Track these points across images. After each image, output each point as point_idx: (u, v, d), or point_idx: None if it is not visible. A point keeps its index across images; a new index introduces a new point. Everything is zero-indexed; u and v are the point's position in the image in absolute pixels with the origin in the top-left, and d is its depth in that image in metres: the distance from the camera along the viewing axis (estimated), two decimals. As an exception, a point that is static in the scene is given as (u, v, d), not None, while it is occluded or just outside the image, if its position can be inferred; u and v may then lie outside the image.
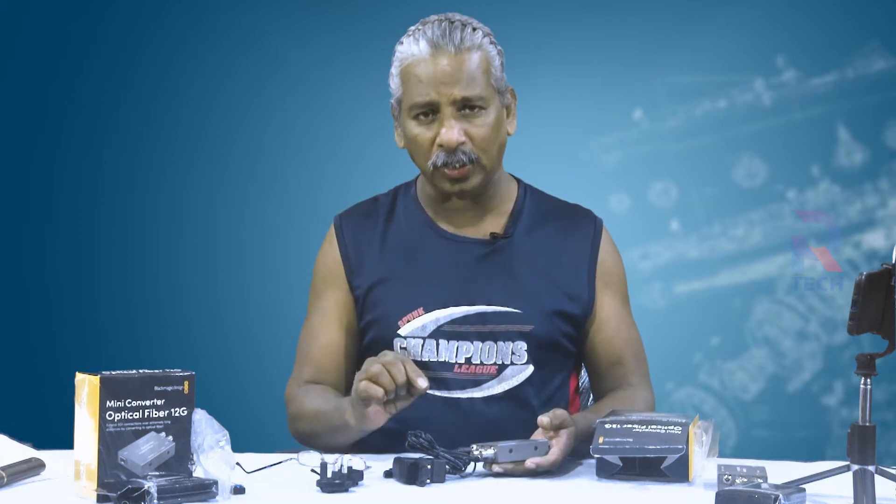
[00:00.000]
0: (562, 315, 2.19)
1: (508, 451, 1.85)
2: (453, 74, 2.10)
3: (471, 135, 2.11)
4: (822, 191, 4.03)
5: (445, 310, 2.16)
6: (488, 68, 2.13)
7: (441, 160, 2.11)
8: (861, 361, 1.66)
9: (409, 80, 2.13)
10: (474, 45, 2.12)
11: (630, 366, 2.23)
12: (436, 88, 2.10)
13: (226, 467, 1.67)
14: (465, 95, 2.10)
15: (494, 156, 2.15)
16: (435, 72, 2.10)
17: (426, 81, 2.10)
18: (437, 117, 2.11)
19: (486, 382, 2.16)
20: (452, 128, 2.10)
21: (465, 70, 2.10)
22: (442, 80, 2.10)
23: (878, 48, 4.02)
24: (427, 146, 2.12)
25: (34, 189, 4.11)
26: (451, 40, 2.11)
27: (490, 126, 2.13)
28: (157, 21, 4.10)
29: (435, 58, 2.11)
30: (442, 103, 2.10)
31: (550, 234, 2.23)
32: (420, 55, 2.12)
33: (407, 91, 2.13)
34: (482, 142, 2.12)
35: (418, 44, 2.12)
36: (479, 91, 2.11)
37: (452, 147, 2.10)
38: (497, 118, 2.14)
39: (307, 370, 2.21)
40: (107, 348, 4.03)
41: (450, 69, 2.10)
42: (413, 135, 2.14)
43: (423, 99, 2.11)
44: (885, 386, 3.97)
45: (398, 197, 2.27)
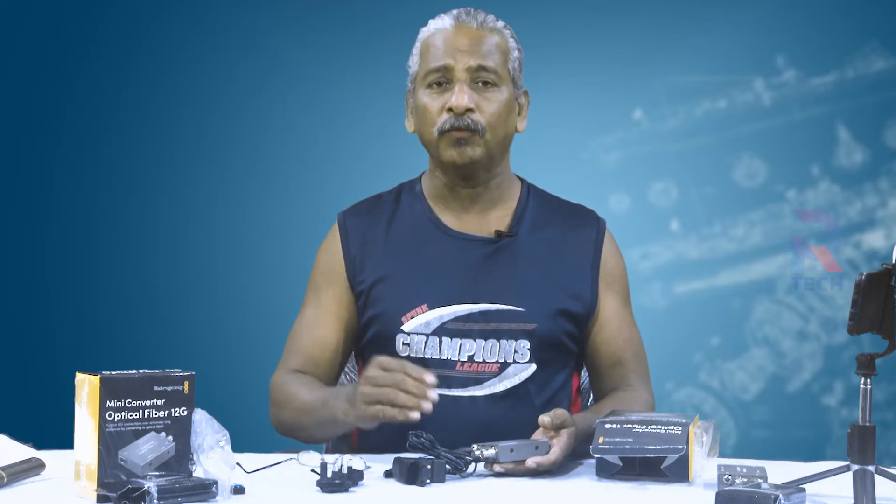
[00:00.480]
0: (565, 314, 2.19)
1: (509, 450, 1.85)
2: (471, 44, 2.15)
3: (481, 106, 2.14)
4: (822, 191, 4.03)
5: (449, 307, 2.16)
6: (507, 52, 2.19)
7: (448, 124, 2.13)
8: (861, 361, 1.66)
9: (427, 50, 2.17)
10: (496, 29, 2.19)
11: (630, 366, 2.23)
12: (452, 55, 2.14)
13: (226, 467, 1.67)
14: (481, 64, 2.14)
15: (500, 135, 2.16)
16: (455, 40, 2.15)
17: (443, 48, 2.15)
18: (449, 87, 2.14)
19: (489, 381, 2.16)
20: (463, 92, 2.13)
21: (484, 43, 2.16)
22: (459, 48, 2.15)
23: (878, 48, 4.02)
24: (436, 113, 2.14)
25: (34, 189, 4.11)
26: (474, 18, 2.18)
27: (501, 103, 2.15)
28: (157, 21, 4.10)
29: (457, 29, 2.17)
30: (457, 69, 2.14)
31: (554, 234, 2.23)
32: (442, 27, 2.18)
33: (424, 59, 2.17)
34: (491, 116, 2.14)
35: (442, 20, 2.19)
36: (494, 65, 2.15)
37: (461, 111, 2.12)
38: (508, 101, 2.17)
39: (296, 360, 2.21)
40: (107, 348, 4.03)
41: (468, 40, 2.16)
42: (423, 103, 2.16)
43: (439, 63, 2.14)
44: (885, 386, 3.97)
45: (402, 194, 2.27)
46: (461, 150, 2.14)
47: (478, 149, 2.14)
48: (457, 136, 2.13)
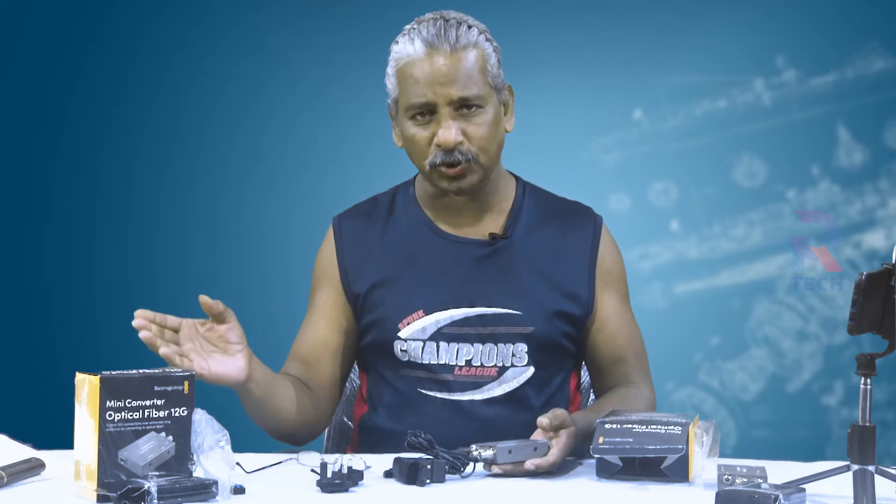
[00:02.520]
0: (562, 315, 2.18)
1: (508, 451, 1.85)
2: (449, 74, 2.09)
3: (468, 134, 2.10)
4: (822, 191, 4.03)
5: (445, 312, 2.15)
6: (484, 66, 2.12)
7: (439, 159, 2.10)
8: (861, 361, 1.66)
9: (405, 81, 2.12)
10: (470, 44, 2.11)
11: (631, 364, 2.22)
12: (432, 89, 2.09)
13: (226, 467, 1.67)
14: (463, 95, 2.09)
15: (493, 154, 2.15)
16: (431, 72, 2.09)
17: (423, 82, 2.09)
18: (434, 117, 2.10)
19: (487, 384, 2.16)
20: (450, 128, 2.09)
21: (462, 69, 2.09)
22: (438, 81, 2.09)
23: (878, 48, 4.02)
24: (424, 146, 2.12)
25: (34, 189, 4.11)
26: (446, 39, 2.10)
27: (488, 125, 2.12)
28: (157, 21, 4.10)
29: (431, 57, 2.09)
30: (439, 104, 2.09)
31: (550, 233, 2.22)
32: (416, 55, 2.10)
33: (403, 92, 2.12)
34: (480, 140, 2.11)
35: (413, 43, 2.11)
36: (476, 90, 2.10)
37: (450, 147, 2.09)
38: (495, 116, 2.14)
39: (291, 366, 2.21)
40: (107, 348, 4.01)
41: (446, 69, 2.09)
42: (410, 135, 2.13)
43: (420, 100, 2.10)
44: (885, 386, 3.97)
45: (397, 196, 2.26)
46: (458, 183, 2.13)
47: (473, 176, 2.13)
48: (450, 173, 2.11)
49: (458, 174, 2.11)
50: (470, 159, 2.11)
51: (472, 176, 2.13)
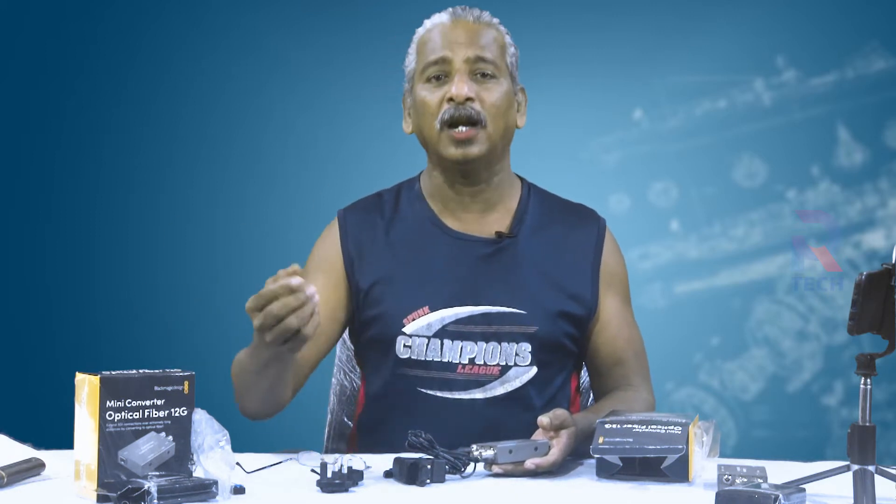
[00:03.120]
0: (565, 316, 2.18)
1: (508, 451, 1.85)
2: (469, 37, 2.15)
3: (481, 96, 2.13)
4: (822, 191, 4.03)
5: (451, 309, 2.15)
6: (504, 46, 2.19)
7: (448, 114, 2.12)
8: (861, 361, 1.66)
9: (424, 45, 2.17)
10: (493, 25, 2.20)
11: (631, 366, 2.23)
12: (450, 47, 2.14)
13: (226, 467, 1.67)
14: (479, 55, 2.14)
15: (501, 127, 2.15)
16: (452, 33, 2.16)
17: (441, 42, 2.15)
18: (448, 80, 2.14)
19: (489, 383, 2.16)
20: (463, 82, 2.12)
21: (482, 36, 2.16)
22: (458, 41, 2.15)
23: (878, 48, 4.02)
24: (436, 105, 2.13)
25: (34, 189, 4.11)
26: (471, 13, 2.19)
27: (501, 94, 2.15)
28: (157, 21, 4.10)
29: (453, 23, 2.17)
30: (455, 60, 2.13)
31: (554, 234, 2.23)
32: (439, 21, 2.18)
33: (421, 55, 2.17)
34: (491, 106, 2.13)
35: (438, 16, 2.20)
36: (493, 56, 2.15)
37: (462, 100, 2.11)
38: (508, 94, 2.17)
39: None
40: (107, 348, 4.03)
41: (465, 32, 2.16)
42: (422, 98, 2.15)
43: (437, 55, 2.14)
44: (885, 386, 3.97)
45: (402, 193, 2.26)
46: (464, 149, 2.13)
47: (480, 145, 2.13)
48: (458, 136, 2.12)
49: (466, 138, 2.12)
50: (479, 121, 2.12)
51: (479, 144, 2.13)
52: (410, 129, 2.20)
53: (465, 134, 2.12)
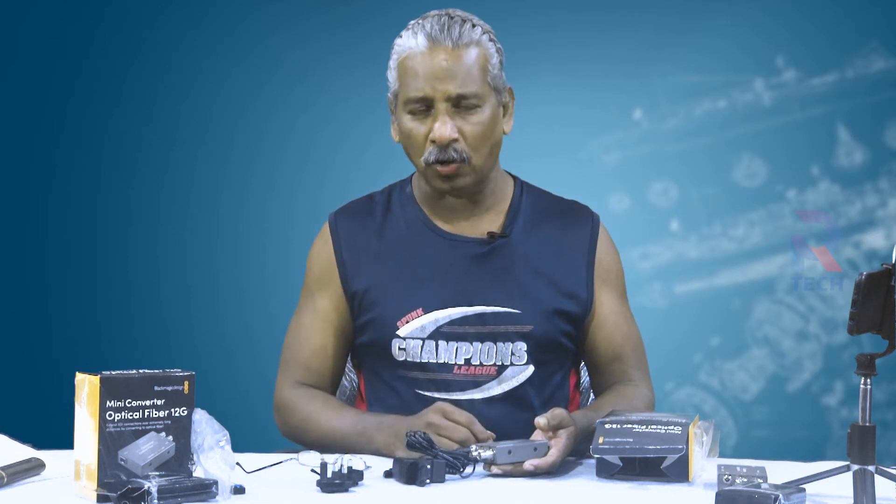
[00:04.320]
0: (561, 314, 2.18)
1: (507, 452, 1.85)
2: (449, 70, 2.09)
3: (464, 132, 2.11)
4: (822, 191, 4.03)
5: (444, 310, 2.15)
6: (485, 65, 2.12)
7: (433, 156, 2.11)
8: (861, 361, 1.66)
9: (405, 74, 2.12)
10: (472, 41, 2.12)
11: (630, 361, 2.23)
12: (430, 84, 2.09)
13: (226, 467, 1.67)
14: (460, 93, 2.09)
15: (486, 155, 2.14)
16: (431, 66, 2.09)
17: (422, 76, 2.10)
18: (431, 112, 2.11)
19: (486, 383, 2.16)
20: (445, 123, 2.09)
21: (462, 66, 2.10)
22: (437, 76, 2.09)
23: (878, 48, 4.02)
24: (421, 142, 2.12)
25: (34, 189, 4.11)
26: (448, 35, 2.10)
27: (484, 125, 2.12)
28: (156, 21, 4.10)
29: (432, 52, 2.10)
30: (436, 98, 2.09)
31: (548, 232, 2.22)
32: (417, 48, 2.11)
33: (403, 85, 2.13)
34: (474, 140, 2.11)
35: (416, 37, 2.12)
36: (475, 88, 2.10)
37: (444, 143, 2.09)
38: (492, 116, 2.14)
39: (298, 372, 2.20)
40: (107, 348, 4.03)
41: (446, 65, 2.09)
42: (407, 129, 2.13)
43: (418, 94, 2.10)
44: (885, 386, 3.97)
45: (393, 195, 2.26)
46: (451, 182, 2.13)
47: (466, 178, 2.13)
48: (443, 171, 2.11)
49: (451, 173, 2.12)
50: (464, 159, 2.11)
51: (465, 178, 2.13)
52: (398, 140, 2.19)
53: (451, 169, 2.11)
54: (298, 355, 2.21)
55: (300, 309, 2.24)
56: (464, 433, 1.94)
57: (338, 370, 2.24)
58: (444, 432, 1.94)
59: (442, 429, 1.94)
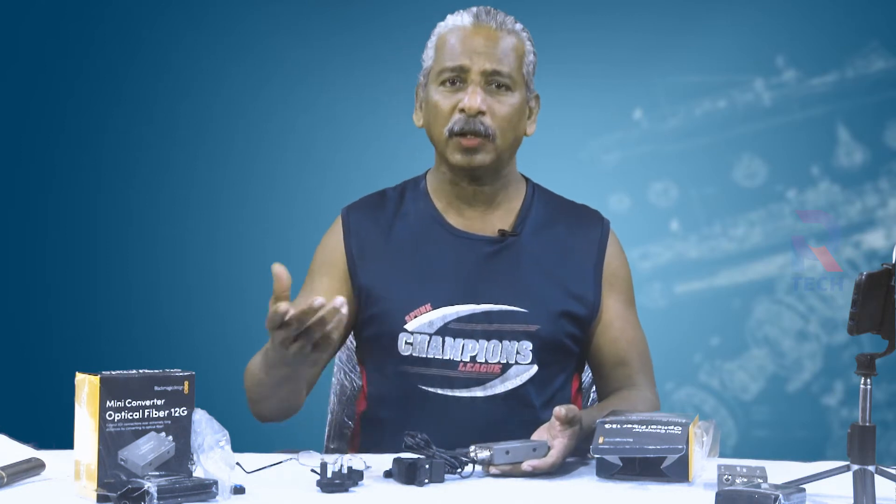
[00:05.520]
0: (567, 316, 2.19)
1: (505, 452, 1.85)
2: (489, 46, 2.14)
3: (493, 109, 2.13)
4: (822, 191, 4.03)
5: (452, 307, 2.15)
6: (522, 56, 2.18)
7: (458, 126, 2.12)
8: (861, 361, 1.66)
9: (444, 46, 2.17)
10: (515, 31, 2.19)
11: (635, 367, 2.23)
12: (469, 55, 2.14)
13: (226, 467, 1.67)
14: (496, 69, 2.14)
15: (509, 140, 2.16)
16: (472, 41, 2.15)
17: (461, 48, 2.14)
18: (462, 87, 2.14)
19: (490, 381, 2.16)
20: (476, 94, 2.12)
21: (501, 46, 2.15)
22: (476, 49, 2.14)
23: (878, 48, 4.02)
24: (447, 111, 2.14)
25: (34, 189, 4.11)
26: (493, 18, 2.18)
27: (513, 107, 2.15)
28: (156, 21, 4.10)
29: (475, 28, 2.16)
30: (472, 70, 2.13)
31: (558, 235, 2.23)
32: (461, 24, 2.17)
33: (439, 56, 2.17)
34: (502, 120, 2.13)
35: (461, 17, 2.18)
36: (509, 69, 2.15)
37: (473, 113, 2.12)
38: (520, 105, 2.17)
39: None
40: (107, 348, 4.03)
41: (486, 41, 2.15)
42: (435, 101, 2.15)
43: (455, 63, 2.14)
44: (885, 386, 3.97)
45: (406, 190, 2.27)
46: (470, 157, 2.14)
47: (487, 155, 2.14)
48: (466, 144, 2.13)
49: (473, 147, 2.12)
50: (489, 134, 2.12)
51: (485, 154, 2.14)
52: (421, 124, 2.21)
53: (473, 142, 2.13)
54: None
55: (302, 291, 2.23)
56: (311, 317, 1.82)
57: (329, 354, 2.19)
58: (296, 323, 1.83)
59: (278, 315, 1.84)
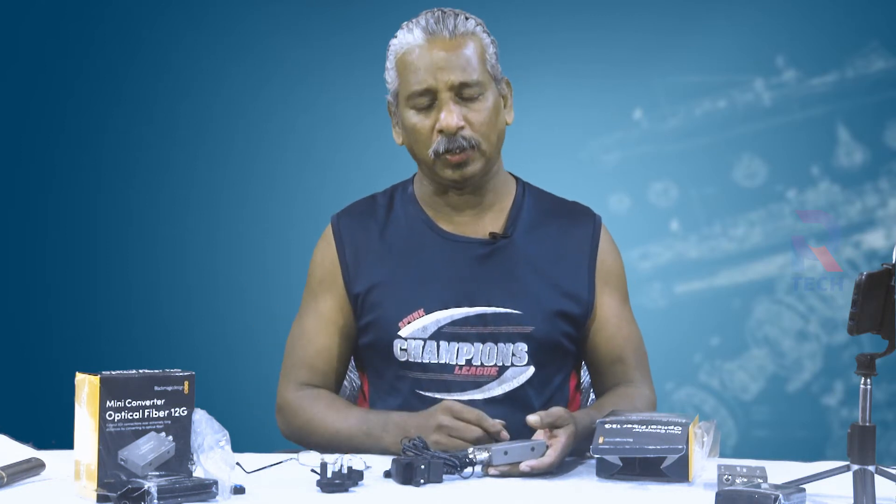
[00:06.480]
0: (562, 315, 2.18)
1: (503, 453, 1.85)
2: (450, 59, 2.11)
3: (470, 120, 2.11)
4: (822, 191, 4.03)
5: (446, 311, 2.15)
6: (483, 55, 2.14)
7: (442, 147, 2.11)
8: (861, 361, 1.66)
9: (405, 70, 2.13)
10: (468, 32, 2.14)
11: (631, 363, 2.23)
12: (433, 74, 2.10)
13: (226, 467, 1.67)
14: (463, 80, 2.10)
15: (494, 142, 2.15)
16: (431, 58, 2.11)
17: (423, 68, 2.11)
18: (435, 104, 2.12)
19: (487, 384, 2.16)
20: (451, 112, 2.10)
21: (461, 55, 2.12)
22: (439, 66, 2.10)
23: (878, 48, 4.02)
24: (427, 134, 2.12)
25: (34, 189, 4.11)
26: (445, 26, 2.12)
27: (488, 111, 2.13)
28: (156, 21, 4.10)
29: (430, 44, 2.12)
30: (440, 89, 2.10)
31: (550, 234, 2.23)
32: (415, 43, 2.13)
33: (404, 80, 2.14)
34: (481, 126, 2.12)
35: (412, 33, 2.14)
36: (476, 76, 2.12)
37: (452, 132, 2.10)
38: (495, 105, 2.15)
39: (302, 373, 2.20)
40: (107, 348, 4.03)
41: (445, 54, 2.11)
42: (412, 124, 2.14)
43: (421, 86, 2.11)
44: (885, 386, 3.97)
45: (395, 196, 2.26)
46: (461, 171, 2.13)
47: (476, 164, 2.14)
48: (453, 160, 2.12)
49: (462, 161, 2.12)
50: (473, 145, 2.12)
51: (475, 164, 2.13)
52: (401, 142, 2.19)
53: (460, 157, 2.12)
54: (302, 357, 2.21)
55: (303, 311, 2.25)
56: (475, 432, 1.94)
57: (341, 371, 2.24)
58: (456, 433, 1.94)
59: (453, 430, 1.94)
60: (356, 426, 2.09)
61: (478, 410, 1.97)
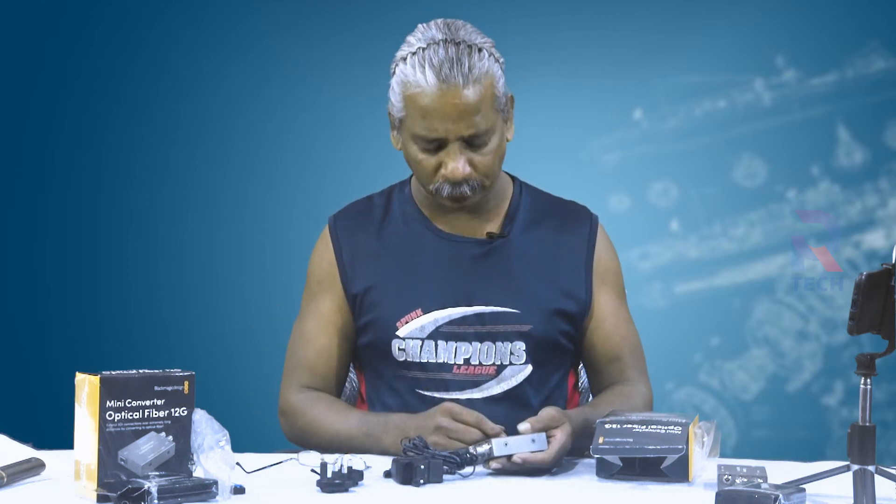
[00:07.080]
0: (560, 314, 2.19)
1: (504, 444, 1.86)
2: (463, 112, 2.06)
3: (475, 164, 2.10)
4: (822, 191, 4.03)
5: (444, 310, 2.16)
6: (493, 94, 2.09)
7: (445, 191, 2.11)
8: (861, 361, 1.66)
9: (414, 111, 2.08)
10: (482, 74, 2.07)
11: (628, 361, 2.23)
12: (444, 125, 2.06)
13: (226, 467, 1.67)
14: (474, 133, 2.08)
15: (496, 175, 2.16)
16: (443, 108, 2.06)
17: (434, 117, 2.06)
18: (441, 148, 2.09)
19: (485, 383, 2.16)
20: (458, 162, 2.08)
21: (473, 104, 2.06)
22: (450, 117, 2.06)
23: (878, 48, 4.02)
24: (431, 172, 2.11)
25: (34, 189, 4.11)
26: (459, 72, 2.05)
27: (494, 153, 2.12)
28: (156, 21, 4.10)
29: (443, 93, 2.05)
30: (449, 138, 2.08)
31: (547, 233, 2.23)
32: (427, 88, 2.06)
33: (412, 118, 2.09)
34: (486, 169, 2.12)
35: (424, 73, 2.06)
36: (487, 125, 2.08)
37: (458, 181, 2.10)
38: (500, 140, 2.13)
39: (303, 375, 2.21)
40: (107, 348, 4.03)
41: (458, 106, 2.05)
42: (416, 158, 2.13)
43: (432, 135, 2.08)
44: (885, 386, 3.97)
45: (393, 196, 2.26)
46: (460, 203, 2.14)
47: (476, 197, 2.14)
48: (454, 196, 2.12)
49: (464, 198, 2.13)
50: (475, 187, 2.12)
51: (475, 197, 2.14)
52: (400, 147, 2.19)
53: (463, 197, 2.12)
54: (303, 359, 2.21)
55: (303, 313, 2.25)
56: (475, 434, 1.94)
57: (342, 372, 2.24)
58: (455, 435, 1.94)
59: (452, 432, 1.94)
60: (356, 427, 2.09)
61: (477, 413, 1.97)
